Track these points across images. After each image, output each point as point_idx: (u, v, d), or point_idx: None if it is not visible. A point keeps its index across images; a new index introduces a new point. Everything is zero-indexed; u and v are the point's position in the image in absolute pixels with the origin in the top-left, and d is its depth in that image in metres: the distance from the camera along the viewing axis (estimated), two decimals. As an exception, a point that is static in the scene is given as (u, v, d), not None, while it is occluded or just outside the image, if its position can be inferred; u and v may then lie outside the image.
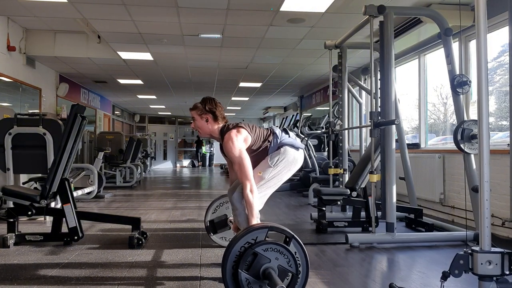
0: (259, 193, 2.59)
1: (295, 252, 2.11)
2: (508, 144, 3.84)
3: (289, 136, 2.80)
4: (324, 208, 4.22)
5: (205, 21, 5.41)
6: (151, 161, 16.24)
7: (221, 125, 2.74)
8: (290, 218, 4.97)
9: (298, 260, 2.11)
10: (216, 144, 19.46)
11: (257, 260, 2.06)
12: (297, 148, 2.77)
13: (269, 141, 2.72)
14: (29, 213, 3.46)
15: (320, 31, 5.81)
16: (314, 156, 7.25)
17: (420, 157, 5.52)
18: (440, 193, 5.09)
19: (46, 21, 5.96)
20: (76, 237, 3.47)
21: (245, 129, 2.68)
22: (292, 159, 2.72)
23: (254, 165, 2.67)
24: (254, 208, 2.50)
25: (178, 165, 19.73)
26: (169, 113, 18.79)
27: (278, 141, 2.72)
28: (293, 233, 2.14)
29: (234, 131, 2.62)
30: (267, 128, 2.82)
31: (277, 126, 8.32)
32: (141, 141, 10.79)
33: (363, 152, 5.72)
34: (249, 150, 2.66)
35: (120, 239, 3.69)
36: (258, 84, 10.35)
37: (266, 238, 2.15)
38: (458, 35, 4.67)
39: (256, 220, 2.51)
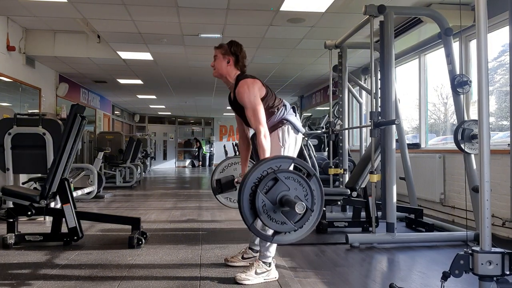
0: None
1: (314, 190, 2.13)
2: (509, 144, 3.83)
3: (295, 116, 2.78)
4: (324, 208, 4.21)
5: (205, 21, 5.41)
6: (151, 161, 16.23)
7: (239, 72, 2.74)
8: (290, 218, 4.95)
9: (315, 198, 2.13)
10: (216, 144, 19.47)
11: (277, 186, 2.09)
12: (297, 132, 2.74)
13: (278, 108, 2.69)
14: (29, 213, 3.45)
15: (320, 31, 5.81)
16: (314, 156, 7.23)
17: (420, 157, 5.51)
18: (440, 193, 5.08)
19: (46, 21, 5.96)
20: (76, 237, 3.46)
21: (261, 82, 2.68)
22: (294, 141, 2.71)
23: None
24: (267, 153, 2.48)
25: (178, 165, 19.73)
26: (169, 113, 18.79)
27: (285, 113, 2.70)
28: (314, 171, 2.19)
29: (250, 79, 2.63)
30: (280, 98, 2.80)
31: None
32: (141, 141, 10.78)
33: (363, 152, 5.71)
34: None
35: (120, 239, 3.69)
36: (258, 84, 10.34)
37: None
38: (458, 35, 4.67)
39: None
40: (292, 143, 2.70)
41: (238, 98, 2.63)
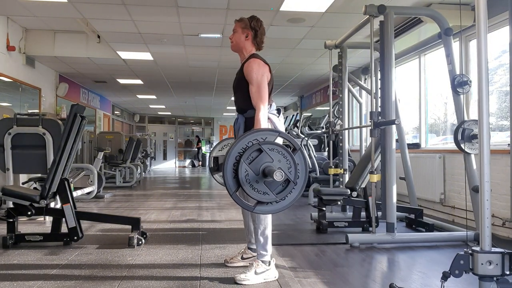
0: None
1: (298, 164, 2.14)
2: (508, 144, 3.83)
3: (278, 117, 2.74)
4: (324, 208, 4.22)
5: (205, 21, 5.41)
6: (151, 161, 16.24)
7: (254, 50, 2.76)
8: (290, 218, 4.96)
9: (298, 172, 2.14)
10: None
11: (261, 157, 2.12)
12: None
13: (268, 104, 2.68)
14: (29, 213, 3.45)
15: (320, 31, 5.81)
16: (314, 156, 7.24)
17: (420, 157, 5.51)
18: (440, 193, 5.08)
19: (46, 21, 5.96)
20: (75, 237, 3.46)
21: (270, 71, 2.69)
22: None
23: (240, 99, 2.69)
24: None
25: (178, 165, 19.73)
26: (169, 113, 18.79)
27: (269, 110, 2.69)
28: (300, 146, 2.21)
29: (262, 62, 2.65)
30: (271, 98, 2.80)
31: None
32: (141, 141, 10.78)
33: (363, 152, 5.71)
34: None
35: (120, 239, 3.69)
36: (258, 84, 10.34)
37: None
38: (458, 35, 4.67)
39: None
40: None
41: (245, 72, 2.64)
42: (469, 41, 4.85)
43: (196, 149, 19.81)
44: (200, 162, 19.65)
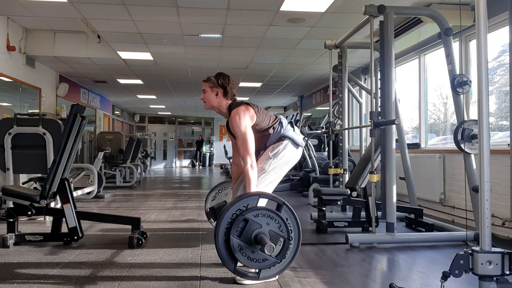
0: (259, 186, 2.62)
1: (287, 219, 2.14)
2: (508, 144, 3.83)
3: (293, 130, 2.82)
4: (324, 208, 4.22)
5: (205, 21, 5.41)
6: (151, 161, 16.23)
7: (230, 101, 2.80)
8: (290, 218, 4.95)
9: (290, 226, 2.14)
10: (217, 144, 19.48)
11: (248, 226, 2.11)
12: (297, 146, 2.78)
13: (273, 128, 2.75)
14: (29, 213, 3.46)
15: (320, 31, 5.81)
16: (314, 156, 7.24)
17: (420, 157, 5.52)
18: (440, 193, 5.08)
19: (46, 21, 5.96)
20: (76, 237, 3.46)
21: (253, 108, 2.73)
22: (290, 156, 2.75)
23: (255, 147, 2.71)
24: (253, 184, 2.51)
25: (178, 165, 19.73)
26: (169, 113, 18.79)
27: (282, 131, 2.75)
28: (283, 200, 2.19)
29: (242, 108, 2.68)
30: (275, 115, 2.85)
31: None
32: (141, 141, 10.78)
33: (363, 152, 5.71)
34: (253, 129, 2.70)
35: (120, 239, 3.69)
36: (258, 84, 10.35)
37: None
38: (458, 35, 4.67)
39: None
40: (288, 157, 2.74)
41: (230, 127, 2.69)
42: (469, 41, 4.85)
43: (196, 149, 19.79)
44: (201, 162, 19.65)
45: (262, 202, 2.28)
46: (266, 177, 2.68)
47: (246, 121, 2.64)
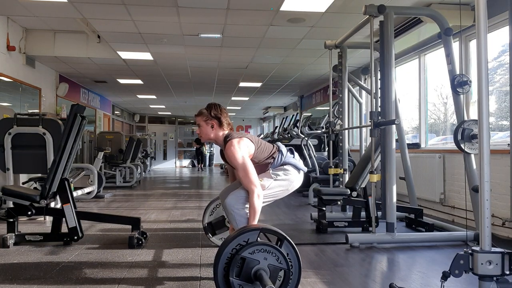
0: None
1: (287, 254, 2.11)
2: (508, 144, 3.83)
3: (293, 157, 2.78)
4: (324, 208, 4.22)
5: (205, 21, 5.41)
6: (151, 161, 16.23)
7: (226, 132, 2.72)
8: (290, 218, 4.96)
9: (290, 261, 2.11)
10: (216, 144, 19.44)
11: (246, 263, 2.06)
12: (299, 170, 2.75)
13: (273, 158, 2.70)
14: (29, 213, 3.46)
15: (320, 31, 5.81)
16: (314, 156, 7.24)
17: (420, 157, 5.52)
18: (440, 193, 5.08)
19: (46, 20, 5.96)
20: (76, 237, 3.46)
21: (249, 139, 2.66)
22: (292, 179, 2.71)
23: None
24: (257, 214, 2.47)
25: (178, 165, 19.72)
26: (169, 113, 18.79)
27: (282, 159, 2.71)
28: (285, 235, 2.13)
29: (236, 139, 2.59)
30: (273, 144, 2.79)
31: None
32: (141, 141, 10.78)
33: (363, 152, 5.71)
34: (252, 162, 2.62)
35: (120, 239, 3.69)
36: (258, 84, 10.35)
37: (259, 239, 2.14)
38: (458, 35, 4.67)
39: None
40: (290, 179, 2.69)
41: (227, 159, 2.61)
42: (469, 41, 4.85)
43: (195, 149, 19.78)
44: (202, 163, 19.64)
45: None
46: (264, 193, 2.58)
47: (243, 150, 2.55)
